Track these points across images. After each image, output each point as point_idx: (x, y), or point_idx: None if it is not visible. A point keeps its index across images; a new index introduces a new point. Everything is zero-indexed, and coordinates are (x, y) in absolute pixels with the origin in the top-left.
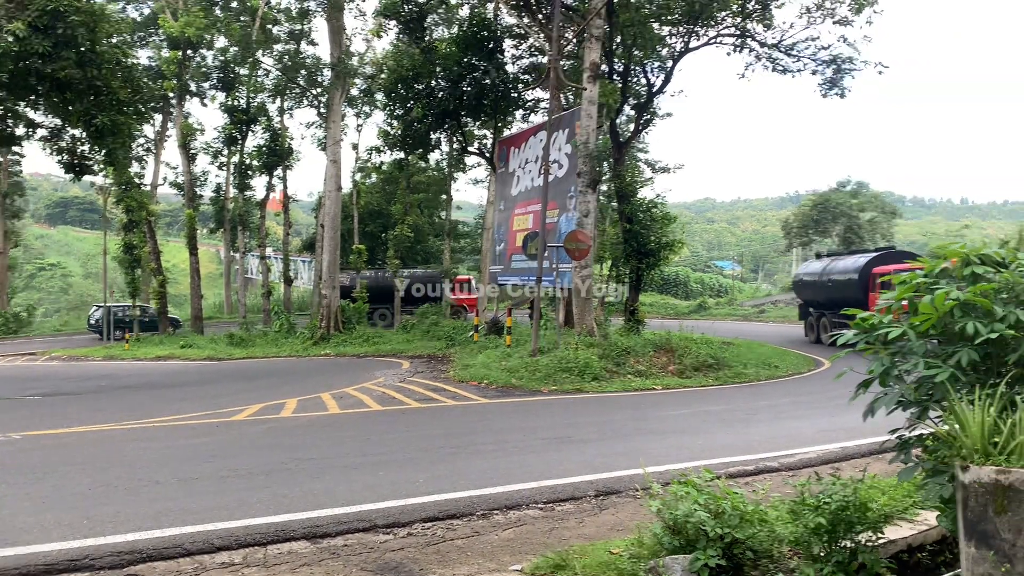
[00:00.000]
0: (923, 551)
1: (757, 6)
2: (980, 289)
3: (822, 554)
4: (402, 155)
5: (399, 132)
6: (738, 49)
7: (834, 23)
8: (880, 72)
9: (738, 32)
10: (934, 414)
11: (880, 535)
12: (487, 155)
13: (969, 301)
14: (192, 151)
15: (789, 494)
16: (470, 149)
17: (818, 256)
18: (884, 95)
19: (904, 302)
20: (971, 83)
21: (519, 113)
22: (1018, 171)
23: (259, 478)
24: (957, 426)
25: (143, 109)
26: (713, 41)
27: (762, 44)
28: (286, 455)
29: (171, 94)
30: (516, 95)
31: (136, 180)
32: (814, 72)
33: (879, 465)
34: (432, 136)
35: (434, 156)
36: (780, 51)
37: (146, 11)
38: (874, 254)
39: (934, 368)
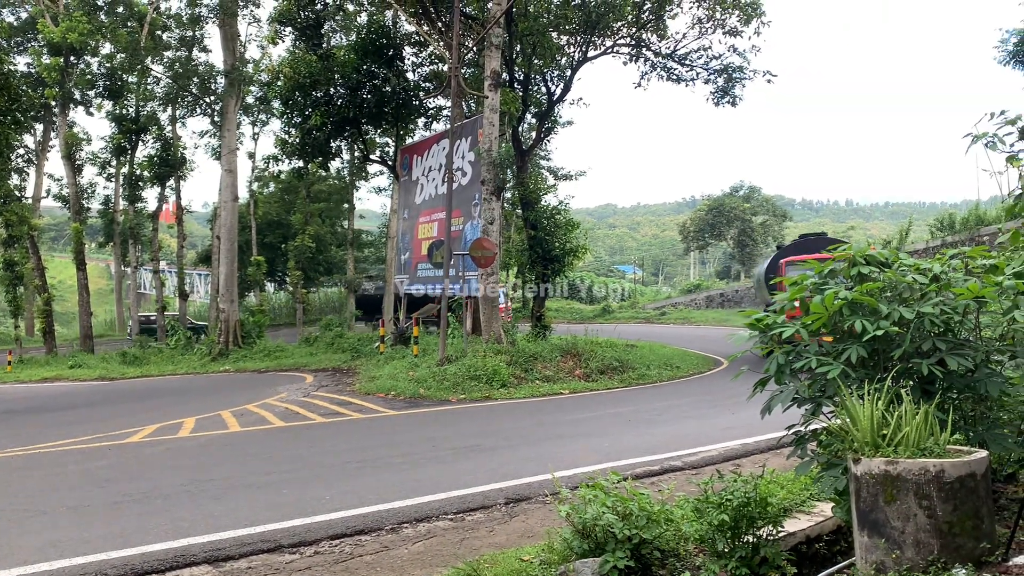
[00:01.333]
0: (820, 541)
1: (651, 16)
2: (866, 288)
3: (726, 550)
4: (301, 164)
5: (297, 140)
6: (634, 59)
7: (724, 33)
8: (769, 81)
9: (633, 42)
10: (827, 409)
11: (780, 528)
12: (390, 163)
13: (856, 300)
14: (78, 162)
15: (693, 492)
16: (372, 157)
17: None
18: (773, 104)
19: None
20: (853, 94)
21: (421, 121)
22: (897, 175)
23: (156, 502)
24: (848, 420)
25: (22, 118)
26: (610, 51)
27: (657, 54)
28: (184, 477)
29: (53, 102)
30: (418, 103)
31: (16, 193)
32: (707, 81)
33: (778, 460)
34: (332, 144)
35: (335, 164)
36: (674, 61)
37: (23, 15)
38: (792, 243)
39: (825, 365)
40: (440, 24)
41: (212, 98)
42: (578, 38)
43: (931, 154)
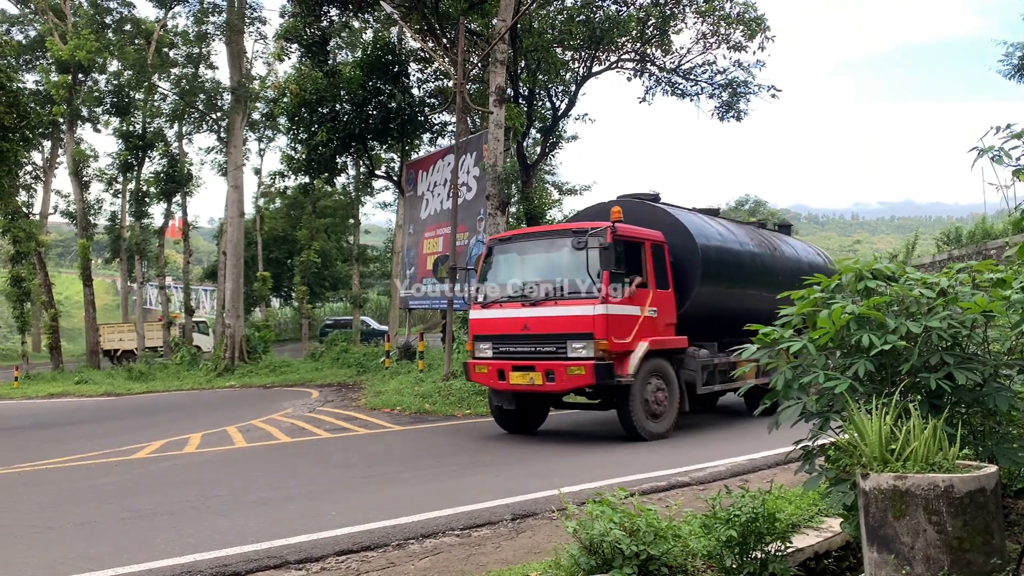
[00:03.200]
0: (829, 557)
1: (655, 32)
2: (873, 302)
3: (734, 566)
4: (307, 180)
5: (303, 156)
6: (638, 74)
7: (728, 48)
8: (774, 96)
9: (638, 57)
10: (835, 424)
11: (788, 544)
12: (395, 178)
13: (863, 314)
14: (85, 178)
15: (701, 508)
16: (377, 173)
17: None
18: (780, 117)
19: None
20: (860, 108)
21: (426, 136)
22: (903, 190)
23: (163, 518)
24: (856, 435)
25: (30, 135)
26: (614, 66)
27: (661, 69)
28: (191, 492)
29: (61, 119)
30: (423, 118)
31: (24, 209)
32: (711, 96)
33: (785, 475)
34: (338, 160)
35: (340, 180)
36: (678, 76)
37: (32, 33)
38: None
39: (833, 380)
40: (445, 40)
41: (218, 114)
42: (583, 53)
43: (938, 168)
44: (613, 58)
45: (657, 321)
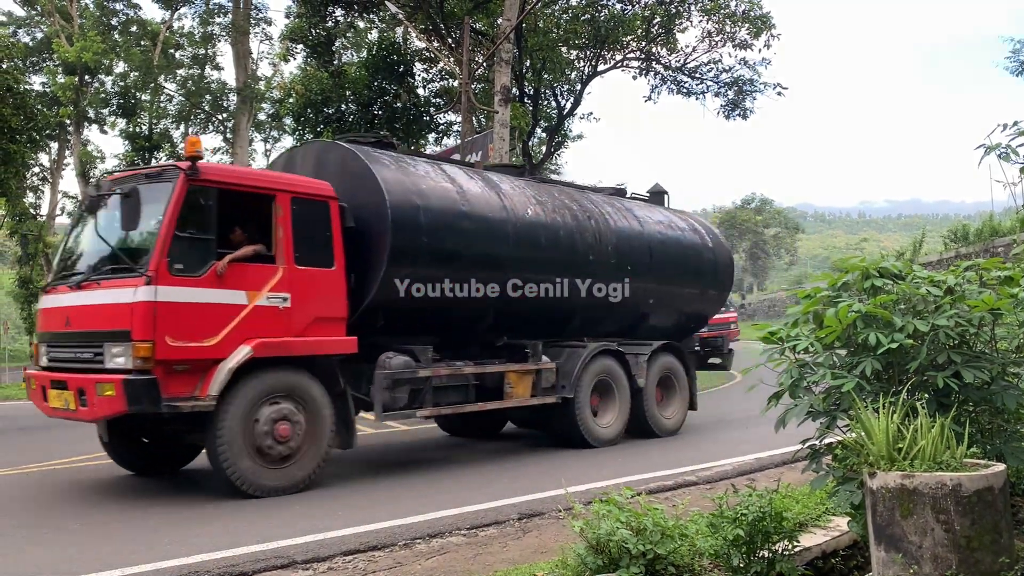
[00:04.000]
0: (836, 556)
1: (661, 30)
2: (880, 301)
3: (741, 565)
4: None
5: None
6: (644, 72)
7: (734, 47)
8: (780, 94)
9: (643, 56)
10: (842, 423)
11: (796, 543)
12: None
13: (871, 313)
14: (92, 180)
15: (708, 507)
16: None
17: None
18: (787, 115)
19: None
20: (867, 106)
21: (432, 136)
22: (909, 188)
23: (170, 517)
24: (864, 434)
25: (37, 137)
26: (620, 65)
27: (667, 67)
28: (198, 493)
29: (68, 121)
30: (428, 118)
31: (32, 211)
32: (717, 94)
33: (792, 474)
34: None
35: None
36: (684, 74)
37: (39, 35)
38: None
39: (840, 378)
40: (450, 40)
41: (224, 115)
42: (588, 52)
43: (945, 166)
44: (618, 57)
45: (293, 314)
